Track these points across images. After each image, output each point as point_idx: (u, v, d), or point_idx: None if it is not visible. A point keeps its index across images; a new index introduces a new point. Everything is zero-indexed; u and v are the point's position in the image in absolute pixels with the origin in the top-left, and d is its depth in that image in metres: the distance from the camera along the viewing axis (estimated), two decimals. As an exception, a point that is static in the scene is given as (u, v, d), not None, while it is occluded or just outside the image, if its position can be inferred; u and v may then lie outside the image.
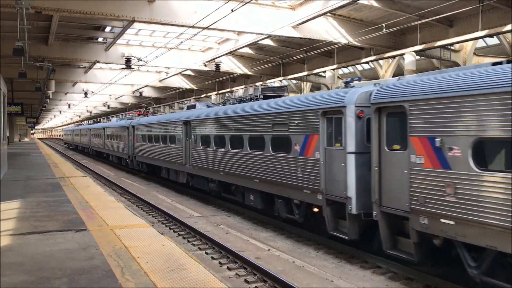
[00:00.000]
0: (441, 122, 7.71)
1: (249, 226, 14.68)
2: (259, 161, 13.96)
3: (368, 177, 9.79)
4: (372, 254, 10.69)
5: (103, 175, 29.57)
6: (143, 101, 58.65)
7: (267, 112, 13.50)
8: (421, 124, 8.18)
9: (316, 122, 11.26)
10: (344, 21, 20.51)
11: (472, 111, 7.18)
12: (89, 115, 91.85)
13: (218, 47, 27.70)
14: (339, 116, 10.59)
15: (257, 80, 34.47)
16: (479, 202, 7.08)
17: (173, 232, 13.99)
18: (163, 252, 7.76)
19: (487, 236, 7.01)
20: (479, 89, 7.06)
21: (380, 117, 9.33)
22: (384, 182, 9.18)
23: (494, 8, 16.69)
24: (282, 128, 12.69)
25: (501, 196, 6.77)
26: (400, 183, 8.69)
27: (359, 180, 10.07)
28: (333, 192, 10.72)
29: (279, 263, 10.63)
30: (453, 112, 7.51)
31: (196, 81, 39.49)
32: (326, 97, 11.21)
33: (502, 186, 6.76)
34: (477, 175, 7.12)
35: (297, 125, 12.00)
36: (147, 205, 18.41)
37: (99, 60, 27.49)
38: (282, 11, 19.29)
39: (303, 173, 11.74)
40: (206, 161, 18.01)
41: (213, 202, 19.05)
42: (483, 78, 7.13)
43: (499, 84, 6.82)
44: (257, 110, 14.12)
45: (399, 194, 8.73)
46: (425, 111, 8.08)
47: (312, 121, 11.41)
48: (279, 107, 12.94)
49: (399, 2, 17.90)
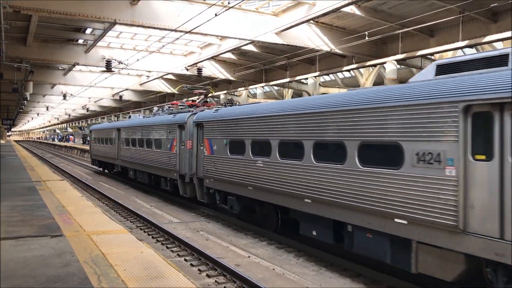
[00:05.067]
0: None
1: (229, 233, 14.55)
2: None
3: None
4: (352, 262, 10.67)
5: (81, 179, 29.07)
6: (123, 105, 58.19)
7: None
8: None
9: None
10: (326, 28, 20.63)
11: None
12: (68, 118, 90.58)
13: (200, 52, 27.57)
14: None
15: (240, 86, 34.45)
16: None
17: (151, 238, 13.78)
18: (142, 259, 7.58)
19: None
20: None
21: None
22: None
23: (474, 19, 16.97)
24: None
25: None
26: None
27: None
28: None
29: (259, 270, 10.53)
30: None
31: (177, 86, 39.18)
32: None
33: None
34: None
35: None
36: (126, 210, 18.13)
37: (79, 62, 27.09)
38: (266, 17, 19.31)
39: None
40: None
41: (193, 208, 18.87)
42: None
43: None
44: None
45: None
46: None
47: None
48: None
49: (382, 11, 18.08)
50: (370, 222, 9.07)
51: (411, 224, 8.13)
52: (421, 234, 7.97)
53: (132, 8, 17.04)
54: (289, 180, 11.44)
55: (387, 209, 8.52)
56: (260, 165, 12.67)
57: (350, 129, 9.50)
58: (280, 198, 12.01)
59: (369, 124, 9.02)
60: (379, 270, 10.02)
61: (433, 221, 7.64)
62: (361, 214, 9.25)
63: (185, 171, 17.82)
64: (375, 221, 8.93)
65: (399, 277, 9.54)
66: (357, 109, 9.33)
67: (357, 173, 9.27)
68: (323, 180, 10.23)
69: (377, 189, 8.76)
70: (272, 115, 12.27)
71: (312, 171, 10.60)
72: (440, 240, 7.64)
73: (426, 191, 7.76)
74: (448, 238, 7.48)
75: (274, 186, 12.02)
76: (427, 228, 7.83)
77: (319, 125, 10.49)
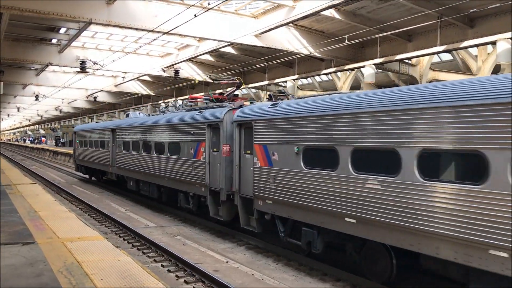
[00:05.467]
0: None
1: (207, 237, 14.31)
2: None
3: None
4: (333, 267, 10.57)
5: (54, 182, 28.36)
6: (97, 106, 57.34)
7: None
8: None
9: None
10: (306, 32, 20.65)
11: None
12: (40, 120, 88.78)
13: (177, 53, 27.33)
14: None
15: (217, 88, 34.25)
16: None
17: (127, 243, 13.44)
18: (119, 267, 7.31)
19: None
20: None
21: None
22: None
23: (451, 24, 17.22)
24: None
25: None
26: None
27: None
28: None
29: (238, 275, 10.35)
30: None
31: (153, 87, 38.88)
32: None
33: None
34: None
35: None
36: (100, 214, 17.70)
37: (52, 63, 26.56)
38: (245, 19, 19.22)
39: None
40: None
41: (169, 211, 18.55)
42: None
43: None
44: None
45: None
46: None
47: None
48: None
49: (360, 15, 18.19)
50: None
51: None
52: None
53: (108, 8, 16.70)
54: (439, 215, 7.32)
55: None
56: (373, 186, 8.50)
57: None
58: (408, 239, 7.92)
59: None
60: (360, 276, 9.94)
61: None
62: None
63: (219, 186, 13.53)
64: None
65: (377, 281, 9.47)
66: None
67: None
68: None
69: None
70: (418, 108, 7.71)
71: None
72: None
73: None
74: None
75: (403, 221, 7.90)
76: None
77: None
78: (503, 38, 14.54)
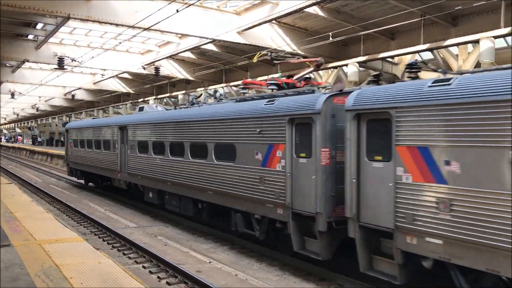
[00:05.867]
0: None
1: (189, 237, 14.14)
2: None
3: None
4: (317, 266, 10.45)
5: (30, 182, 27.78)
6: (75, 104, 56.50)
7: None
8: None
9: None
10: (289, 29, 20.58)
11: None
12: (16, 118, 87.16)
13: (158, 50, 27.03)
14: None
15: (199, 86, 34.02)
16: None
17: (107, 245, 13.17)
18: (100, 270, 7.05)
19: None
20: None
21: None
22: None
23: (434, 23, 17.31)
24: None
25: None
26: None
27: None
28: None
29: (221, 276, 10.21)
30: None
31: (133, 85, 38.48)
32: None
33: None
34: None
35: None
36: (79, 214, 17.36)
37: (28, 59, 26.04)
38: (227, 15, 19.04)
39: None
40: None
41: (150, 211, 18.28)
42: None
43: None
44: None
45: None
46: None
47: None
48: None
49: (344, 12, 18.21)
50: None
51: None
52: None
53: (87, 3, 16.35)
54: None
55: None
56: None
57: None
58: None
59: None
60: (345, 274, 9.86)
61: None
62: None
63: (314, 209, 9.44)
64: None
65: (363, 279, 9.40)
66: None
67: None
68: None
69: None
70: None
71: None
72: None
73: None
74: None
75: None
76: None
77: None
78: (486, 37, 14.64)
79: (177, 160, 14.40)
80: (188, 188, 13.86)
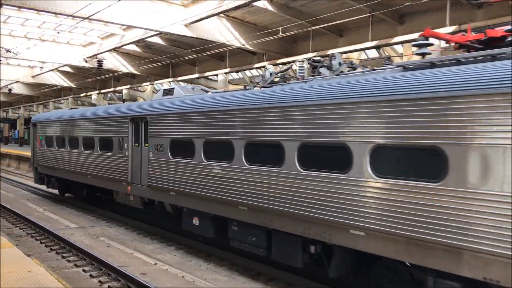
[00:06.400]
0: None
1: (133, 238, 13.65)
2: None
3: None
4: (266, 265, 10.30)
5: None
6: (12, 99, 53.79)
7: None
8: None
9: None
10: (238, 23, 20.32)
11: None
12: None
13: (101, 42, 26.05)
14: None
15: (144, 80, 33.09)
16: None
17: (44, 247, 12.46)
18: (30, 280, 6.45)
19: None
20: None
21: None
22: None
23: (382, 20, 17.54)
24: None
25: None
26: None
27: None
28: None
29: (167, 278, 9.87)
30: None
31: (75, 79, 37.07)
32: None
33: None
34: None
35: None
36: (15, 215, 16.39)
37: (-43, 49, 24.19)
38: (174, 7, 18.53)
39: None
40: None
41: (92, 211, 17.54)
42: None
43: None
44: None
45: None
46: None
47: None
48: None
49: (293, 8, 18.13)
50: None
51: None
52: None
53: (22, -11, 15.29)
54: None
55: None
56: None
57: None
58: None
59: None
60: (295, 274, 9.71)
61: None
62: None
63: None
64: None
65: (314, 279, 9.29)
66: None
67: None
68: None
69: None
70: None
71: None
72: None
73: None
74: None
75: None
76: None
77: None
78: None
79: (263, 171, 8.89)
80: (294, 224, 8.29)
